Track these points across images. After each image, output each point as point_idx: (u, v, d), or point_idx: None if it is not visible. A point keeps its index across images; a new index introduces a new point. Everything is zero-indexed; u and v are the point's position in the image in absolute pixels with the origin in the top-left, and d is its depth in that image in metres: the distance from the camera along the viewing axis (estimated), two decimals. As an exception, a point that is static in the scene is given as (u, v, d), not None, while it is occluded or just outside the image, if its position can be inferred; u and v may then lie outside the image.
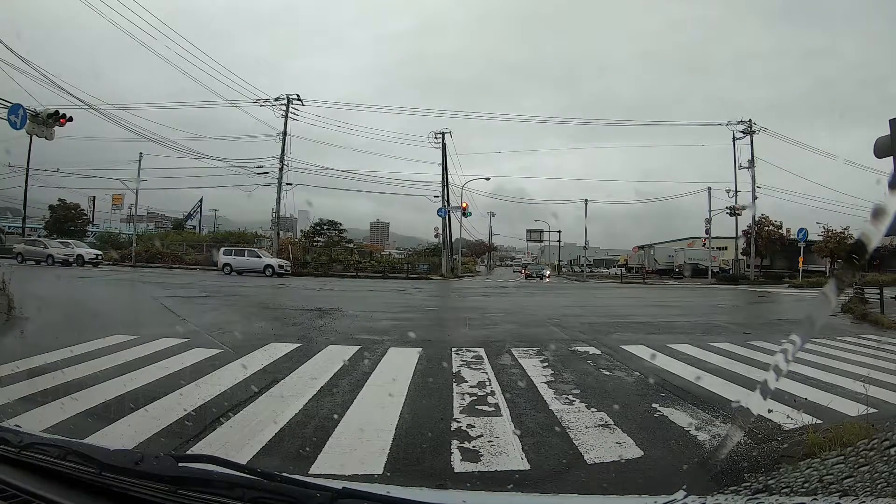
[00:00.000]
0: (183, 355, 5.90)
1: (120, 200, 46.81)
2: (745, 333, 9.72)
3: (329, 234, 38.98)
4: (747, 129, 35.32)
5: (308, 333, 8.03)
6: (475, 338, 8.20)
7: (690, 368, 6.14)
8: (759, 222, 38.60)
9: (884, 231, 0.98)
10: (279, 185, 31.69)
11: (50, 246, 27.50)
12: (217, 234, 44.48)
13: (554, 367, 6.09)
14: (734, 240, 38.01)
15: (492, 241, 66.96)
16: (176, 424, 3.65)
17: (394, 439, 3.52)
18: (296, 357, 6.15)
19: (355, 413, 4.14)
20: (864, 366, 6.30)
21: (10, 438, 1.23)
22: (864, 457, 1.33)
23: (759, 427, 3.76)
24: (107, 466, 1.10)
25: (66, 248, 27.68)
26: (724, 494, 1.18)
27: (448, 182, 36.02)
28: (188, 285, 17.48)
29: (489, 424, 3.92)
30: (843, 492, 1.20)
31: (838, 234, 35.32)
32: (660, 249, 46.97)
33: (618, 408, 4.38)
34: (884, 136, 4.40)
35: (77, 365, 5.21)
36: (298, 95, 32.12)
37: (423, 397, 4.73)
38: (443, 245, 36.73)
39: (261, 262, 27.07)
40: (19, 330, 7.56)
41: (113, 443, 2.85)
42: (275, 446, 3.38)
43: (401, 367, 5.78)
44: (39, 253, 26.55)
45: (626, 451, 3.44)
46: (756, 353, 7.32)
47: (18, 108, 13.01)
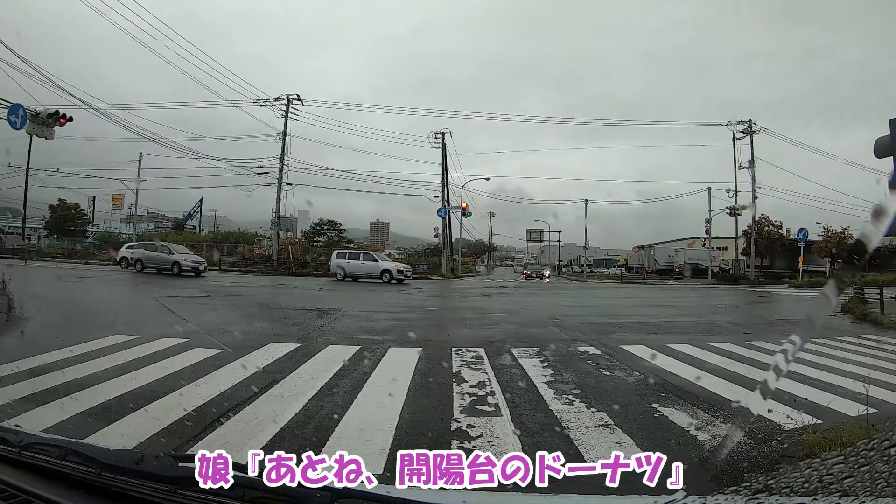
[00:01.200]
0: (183, 355, 5.90)
1: (120, 200, 46.81)
2: (745, 333, 9.72)
3: (329, 234, 39.00)
4: (747, 129, 35.31)
5: (308, 333, 8.03)
6: (475, 338, 8.20)
7: (690, 368, 6.14)
8: (759, 222, 38.61)
9: (884, 231, 0.98)
10: (279, 185, 31.67)
11: (175, 251, 23.05)
12: (217, 234, 44.44)
13: (554, 367, 6.09)
14: (734, 240, 38.01)
15: (492, 241, 67.00)
16: (176, 424, 3.65)
17: (394, 439, 3.52)
18: (296, 357, 6.15)
19: (355, 413, 4.14)
20: (864, 366, 6.31)
21: (10, 438, 1.23)
22: (864, 457, 1.34)
23: (759, 427, 3.76)
24: (107, 466, 1.10)
25: (193, 255, 23.88)
26: (724, 494, 1.18)
27: (448, 182, 36.03)
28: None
29: (489, 424, 3.93)
30: (843, 492, 1.20)
31: (838, 234, 35.34)
32: (660, 249, 46.99)
33: (618, 408, 4.38)
34: (884, 137, 4.40)
35: (77, 365, 5.21)
36: (298, 95, 32.09)
37: (423, 397, 4.73)
38: (443, 245, 36.73)
39: (377, 267, 24.10)
40: (19, 330, 7.56)
41: (113, 443, 2.85)
42: (275, 446, 3.37)
43: (401, 367, 5.78)
44: (163, 260, 22.29)
45: (626, 451, 3.44)
46: (756, 353, 7.32)
47: (18, 108, 13.02)
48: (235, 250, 33.97)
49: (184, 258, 22.53)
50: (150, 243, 25.60)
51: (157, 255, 22.62)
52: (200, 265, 22.82)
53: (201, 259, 23.88)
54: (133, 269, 22.58)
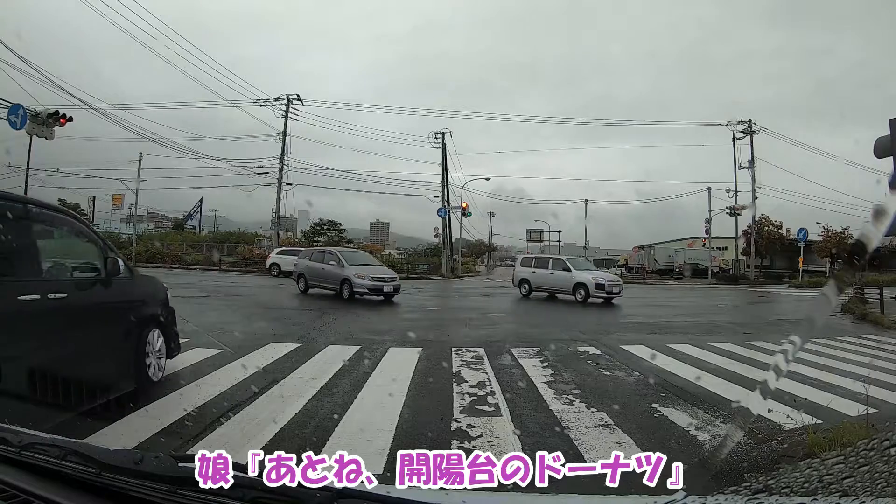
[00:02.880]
0: (183, 355, 5.90)
1: (120, 200, 46.73)
2: (745, 333, 9.72)
3: (329, 234, 39.03)
4: (747, 129, 35.31)
5: (308, 333, 8.03)
6: (475, 338, 8.20)
7: (690, 368, 6.14)
8: (759, 222, 38.59)
9: (884, 231, 0.98)
10: (279, 185, 31.70)
11: (345, 261, 14.47)
12: (217, 234, 44.45)
13: (554, 367, 6.09)
14: (734, 240, 38.00)
15: (492, 241, 66.95)
16: (176, 424, 3.66)
17: (394, 439, 3.52)
18: (296, 357, 6.15)
19: (355, 413, 4.14)
20: (864, 366, 6.30)
21: (10, 438, 1.23)
22: (864, 457, 1.34)
23: (759, 427, 3.77)
24: (107, 466, 1.10)
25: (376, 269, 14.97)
26: (724, 494, 1.18)
27: (448, 182, 35.99)
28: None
29: (489, 424, 3.93)
30: (843, 492, 1.20)
31: (838, 234, 35.30)
32: (660, 249, 46.92)
33: (618, 408, 4.39)
34: (884, 136, 4.39)
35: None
36: (298, 95, 32.14)
37: (423, 397, 4.73)
38: (443, 245, 36.71)
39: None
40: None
41: (113, 443, 2.86)
42: (275, 446, 3.38)
43: (401, 367, 5.78)
44: (332, 276, 14.33)
45: (626, 451, 3.44)
46: (756, 353, 7.32)
47: (18, 108, 13.04)
48: (235, 250, 33.96)
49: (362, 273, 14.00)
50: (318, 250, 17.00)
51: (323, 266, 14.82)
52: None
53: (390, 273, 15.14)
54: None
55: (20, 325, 3.10)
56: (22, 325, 3.11)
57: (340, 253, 15.31)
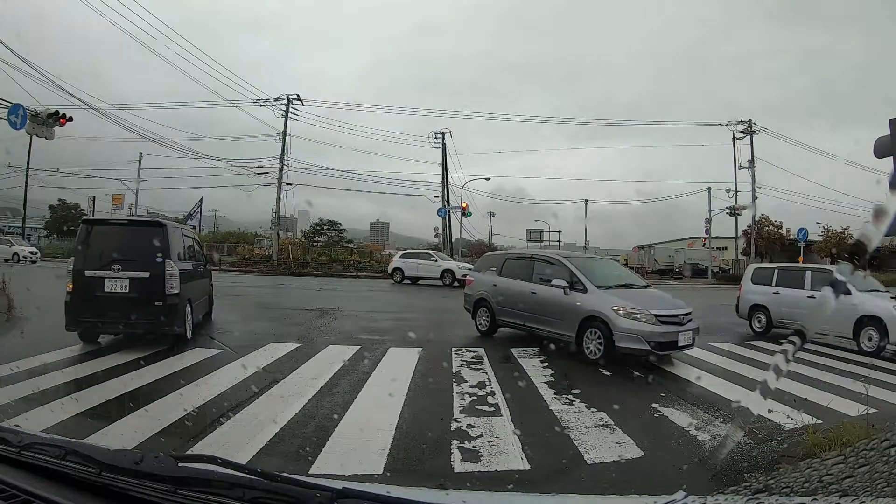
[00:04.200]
0: (183, 355, 5.90)
1: (120, 200, 46.71)
2: (745, 333, 9.72)
3: (329, 234, 38.96)
4: (747, 129, 35.27)
5: (308, 333, 8.03)
6: (475, 337, 8.20)
7: (690, 368, 6.14)
8: (759, 222, 38.61)
9: (884, 231, 0.98)
10: (279, 185, 31.63)
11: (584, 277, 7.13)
12: (217, 234, 44.45)
13: (554, 366, 6.09)
14: (734, 240, 37.98)
15: (492, 240, 66.94)
16: (176, 424, 3.66)
17: (394, 439, 3.52)
18: (296, 357, 6.15)
19: (355, 413, 4.14)
20: (864, 366, 6.30)
21: (10, 438, 1.23)
22: (863, 457, 1.34)
23: (759, 427, 3.77)
24: (107, 466, 1.10)
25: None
26: (724, 494, 1.18)
27: (448, 182, 35.91)
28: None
29: (489, 424, 3.93)
30: (843, 492, 1.20)
31: (838, 234, 35.34)
32: (660, 249, 46.90)
33: (618, 408, 4.38)
34: (884, 136, 4.38)
35: (75, 365, 5.21)
36: (298, 95, 32.02)
37: (423, 397, 4.73)
38: (443, 245, 36.67)
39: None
40: (19, 330, 7.56)
41: (113, 443, 2.86)
42: (275, 446, 3.39)
43: (401, 367, 5.78)
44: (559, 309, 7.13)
45: (626, 451, 3.44)
46: (756, 353, 7.32)
47: (18, 108, 13.00)
48: (235, 250, 33.95)
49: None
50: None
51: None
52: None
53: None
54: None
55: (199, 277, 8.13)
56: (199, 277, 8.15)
57: (569, 261, 7.66)
